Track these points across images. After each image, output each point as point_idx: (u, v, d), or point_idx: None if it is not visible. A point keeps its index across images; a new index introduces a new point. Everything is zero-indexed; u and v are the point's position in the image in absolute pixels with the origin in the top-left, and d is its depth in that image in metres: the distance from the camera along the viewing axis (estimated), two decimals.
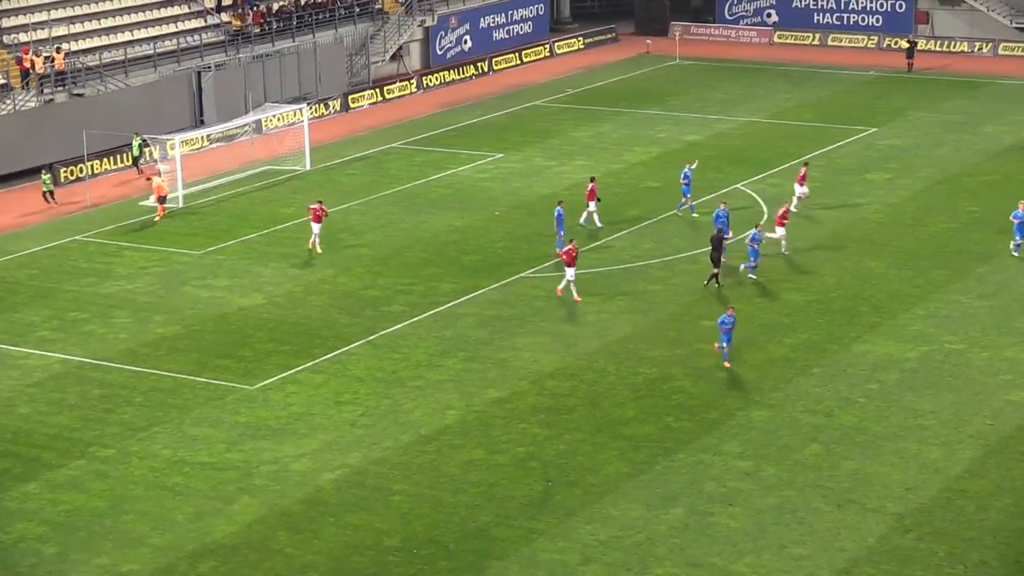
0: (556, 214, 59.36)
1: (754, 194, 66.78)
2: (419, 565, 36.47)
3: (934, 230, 61.21)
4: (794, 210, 61.86)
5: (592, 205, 62.12)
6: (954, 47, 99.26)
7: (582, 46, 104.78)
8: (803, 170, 64.83)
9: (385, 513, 39.11)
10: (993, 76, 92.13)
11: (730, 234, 57.38)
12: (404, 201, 68.02)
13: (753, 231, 55.48)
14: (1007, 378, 46.57)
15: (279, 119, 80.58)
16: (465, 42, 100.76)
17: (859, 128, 79.35)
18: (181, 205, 67.42)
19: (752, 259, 55.39)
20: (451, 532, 38.03)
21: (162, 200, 65.79)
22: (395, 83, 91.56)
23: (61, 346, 51.29)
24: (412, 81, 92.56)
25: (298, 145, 75.24)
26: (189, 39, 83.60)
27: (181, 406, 46.09)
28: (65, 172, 72.35)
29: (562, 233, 58.92)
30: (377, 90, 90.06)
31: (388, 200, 68.22)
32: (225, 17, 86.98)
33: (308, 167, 73.84)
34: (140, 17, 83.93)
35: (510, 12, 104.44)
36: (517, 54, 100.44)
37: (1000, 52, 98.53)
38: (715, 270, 55.17)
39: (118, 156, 74.69)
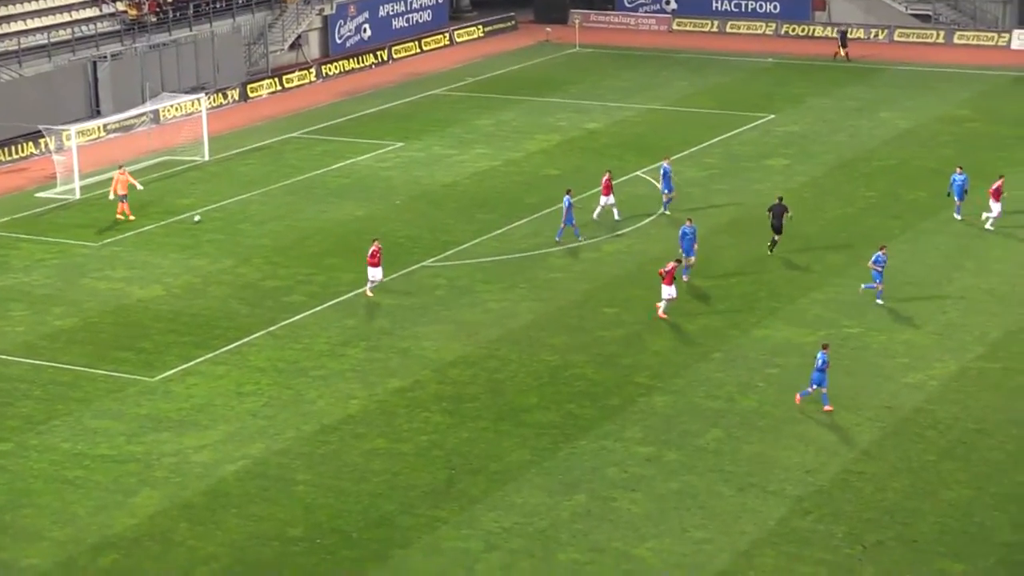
0: (565, 203, 58.87)
1: (655, 181, 67.20)
2: (322, 555, 36.54)
3: (831, 215, 61.98)
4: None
5: (609, 199, 60.88)
6: (850, 34, 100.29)
7: (482, 34, 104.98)
8: (998, 183, 59.71)
9: (288, 503, 39.12)
10: (889, 62, 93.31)
11: (693, 257, 54.46)
12: (304, 191, 67.90)
13: (878, 253, 51.90)
14: (903, 361, 47.30)
15: (177, 109, 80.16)
16: (364, 31, 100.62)
17: (757, 115, 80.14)
18: (78, 196, 66.88)
19: (876, 280, 51.88)
20: (354, 521, 38.12)
21: (122, 198, 63.80)
22: (294, 72, 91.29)
23: None
24: (311, 70, 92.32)
25: (196, 135, 74.85)
26: (84, 28, 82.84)
27: (80, 399, 45.82)
28: None
29: (572, 223, 58.79)
30: (276, 79, 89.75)
31: (288, 190, 68.08)
32: (120, 6, 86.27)
33: (207, 157, 73.51)
34: (33, 6, 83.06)
35: (409, 1, 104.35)
36: (417, 43, 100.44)
37: (896, 38, 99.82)
38: (776, 237, 56.41)
39: (12, 147, 73.93)
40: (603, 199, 61.12)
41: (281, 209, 64.97)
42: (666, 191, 62.37)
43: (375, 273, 53.50)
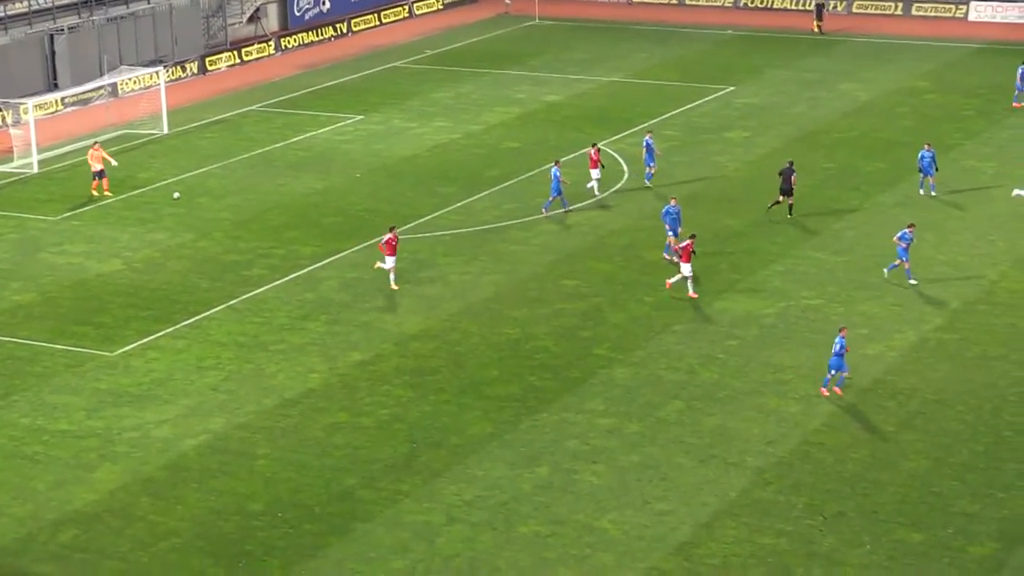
0: (552, 175, 58.73)
1: (615, 154, 67.21)
2: (284, 529, 36.46)
3: None
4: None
5: (596, 172, 60.42)
6: (809, 5, 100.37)
7: (441, 6, 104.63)
8: None
9: (249, 478, 39.02)
10: (848, 34, 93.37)
11: (679, 232, 53.02)
12: (263, 164, 67.64)
13: (904, 230, 50.95)
14: (863, 332, 47.43)
15: (135, 82, 79.74)
16: (323, 3, 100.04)
17: (717, 87, 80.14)
18: (36, 171, 66.44)
19: (902, 258, 50.82)
20: (316, 495, 38.05)
21: (99, 175, 62.78)
22: (253, 45, 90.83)
23: None
24: (270, 43, 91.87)
25: (155, 108, 74.47)
26: (41, 1, 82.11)
27: (39, 374, 45.56)
28: None
29: (558, 195, 58.58)
30: (235, 52, 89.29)
31: (247, 163, 67.80)
32: None
33: (165, 131, 73.15)
34: None
35: None
36: (376, 15, 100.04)
37: (854, 10, 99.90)
38: (785, 199, 57.53)
39: None
40: (593, 173, 60.60)
41: (241, 182, 64.72)
42: (649, 164, 62.01)
43: (390, 261, 51.46)
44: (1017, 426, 41.02)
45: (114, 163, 64.08)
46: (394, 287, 51.42)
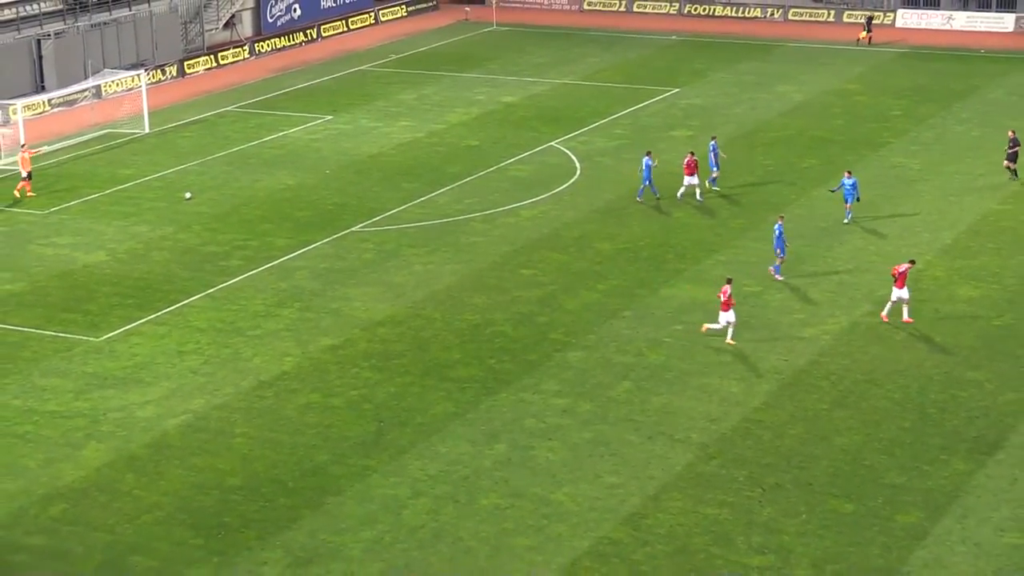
0: (644, 164, 58.55)
1: (568, 151, 67.33)
2: (260, 503, 36.47)
3: (732, 183, 62.20)
4: None
5: (693, 179, 58.50)
6: (748, 13, 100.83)
7: (405, 13, 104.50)
8: None
9: (227, 455, 39.01)
10: (784, 39, 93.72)
11: (784, 257, 50.90)
12: (239, 162, 67.48)
13: None
14: (799, 316, 47.69)
15: (118, 84, 79.45)
16: (295, 10, 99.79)
17: (663, 88, 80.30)
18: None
19: None
20: (290, 471, 38.07)
21: (28, 176, 62.36)
22: (228, 50, 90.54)
23: None
24: (245, 48, 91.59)
25: (136, 109, 74.19)
26: (28, 8, 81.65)
27: (29, 358, 45.39)
28: None
29: (650, 182, 58.55)
30: (212, 56, 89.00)
31: (224, 161, 67.63)
32: None
33: (147, 130, 72.88)
34: None
35: None
36: (344, 21, 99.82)
37: (790, 17, 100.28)
38: (1009, 164, 60.56)
39: None
40: (686, 179, 58.90)
41: (218, 179, 64.56)
42: (714, 168, 60.73)
43: (727, 316, 45.30)
44: (941, 403, 41.37)
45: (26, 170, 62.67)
46: (730, 342, 45.53)
